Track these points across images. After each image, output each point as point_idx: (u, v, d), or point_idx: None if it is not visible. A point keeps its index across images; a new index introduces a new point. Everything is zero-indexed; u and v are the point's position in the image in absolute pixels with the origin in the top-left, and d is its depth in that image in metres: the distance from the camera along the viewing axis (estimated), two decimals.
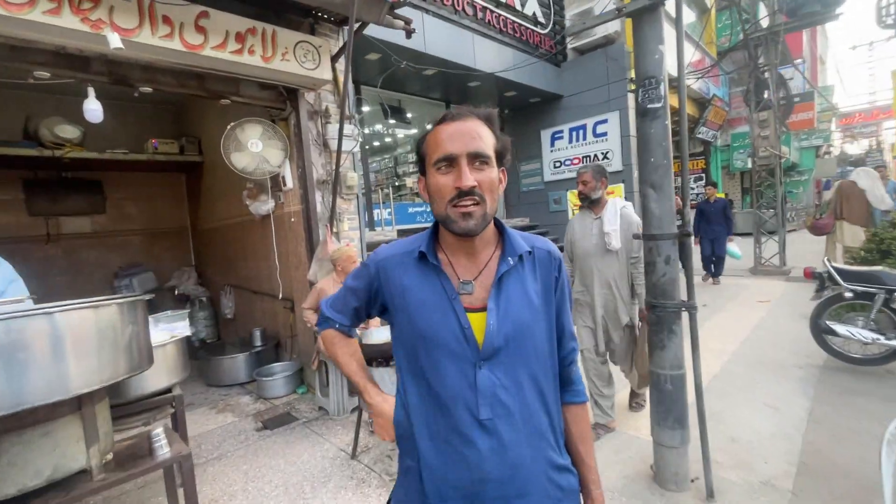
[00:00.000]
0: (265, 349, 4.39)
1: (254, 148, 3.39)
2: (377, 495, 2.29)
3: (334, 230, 3.57)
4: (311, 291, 3.30)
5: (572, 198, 7.73)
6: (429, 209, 4.55)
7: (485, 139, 0.81)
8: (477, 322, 0.83)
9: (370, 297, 0.96)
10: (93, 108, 2.83)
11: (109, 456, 1.60)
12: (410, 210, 7.04)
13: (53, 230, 5.70)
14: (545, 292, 0.89)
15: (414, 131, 8.05)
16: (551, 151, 8.37)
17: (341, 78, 3.59)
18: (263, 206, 4.03)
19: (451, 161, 0.80)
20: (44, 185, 5.57)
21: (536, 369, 0.86)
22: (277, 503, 2.33)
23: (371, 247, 3.98)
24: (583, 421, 0.96)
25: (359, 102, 6.07)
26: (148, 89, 2.96)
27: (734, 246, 7.01)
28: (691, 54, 8.72)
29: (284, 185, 3.69)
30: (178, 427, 2.31)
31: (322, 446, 2.89)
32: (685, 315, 2.10)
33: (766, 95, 7.76)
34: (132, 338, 1.54)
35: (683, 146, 2.08)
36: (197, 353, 4.94)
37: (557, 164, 8.31)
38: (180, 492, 1.74)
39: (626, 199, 3.60)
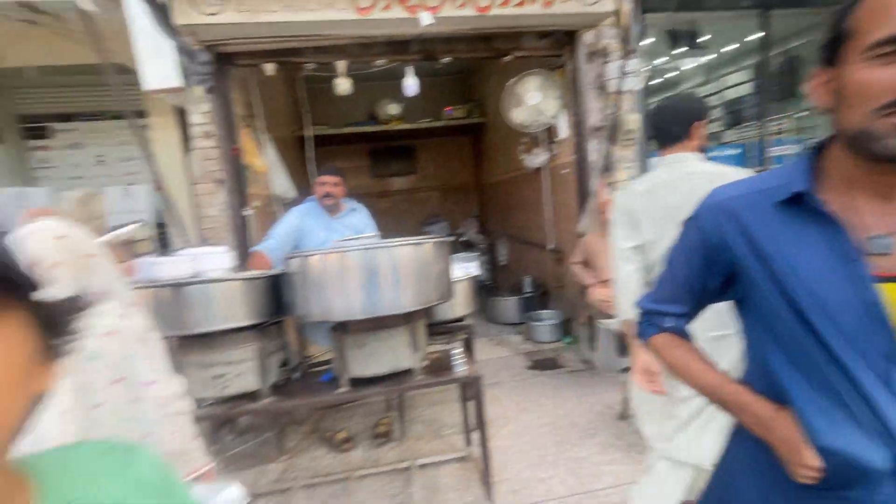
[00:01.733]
0: (534, 296, 4.68)
1: (531, 101, 3.46)
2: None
3: (609, 180, 3.35)
4: (578, 244, 3.24)
5: None
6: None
7: None
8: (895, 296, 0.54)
9: (709, 262, 0.68)
10: (410, 84, 3.44)
11: (425, 363, 2.01)
12: None
13: (385, 188, 7.58)
14: None
15: (709, 58, 6.59)
16: None
17: (625, 8, 3.19)
18: (537, 158, 4.14)
19: None
20: (380, 153, 7.40)
21: None
22: (545, 439, 2.48)
23: None
24: None
25: (642, 33, 5.36)
26: (447, 59, 3.39)
27: None
28: None
29: (557, 135, 3.66)
30: (467, 352, 2.73)
31: (588, 399, 2.89)
32: None
33: None
34: (441, 272, 1.85)
35: None
36: (478, 293, 5.74)
37: None
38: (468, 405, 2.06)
39: None
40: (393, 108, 6.34)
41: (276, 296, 1.89)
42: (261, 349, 1.81)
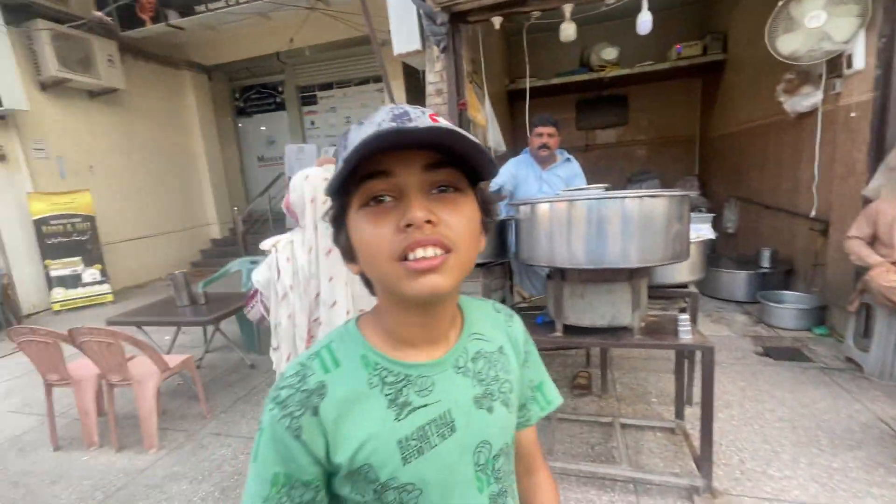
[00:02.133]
0: (773, 273, 3.87)
1: (812, 23, 2.69)
2: None
3: None
4: (862, 213, 2.49)
5: None
6: None
7: None
8: None
9: None
10: (644, 20, 3.08)
11: (643, 323, 1.91)
12: None
13: (591, 141, 7.16)
14: None
15: None
16: None
17: None
18: (805, 100, 3.26)
19: None
20: (588, 104, 6.97)
21: None
22: (780, 435, 2.12)
23: None
24: None
25: None
26: None
27: None
28: None
29: (849, 66, 2.78)
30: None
31: (851, 405, 2.31)
32: None
33: None
34: (678, 229, 1.68)
35: None
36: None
37: None
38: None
39: None
40: (609, 53, 5.82)
41: (500, 239, 2.05)
42: (485, 285, 2.01)
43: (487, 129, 4.01)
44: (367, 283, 0.54)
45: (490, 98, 4.18)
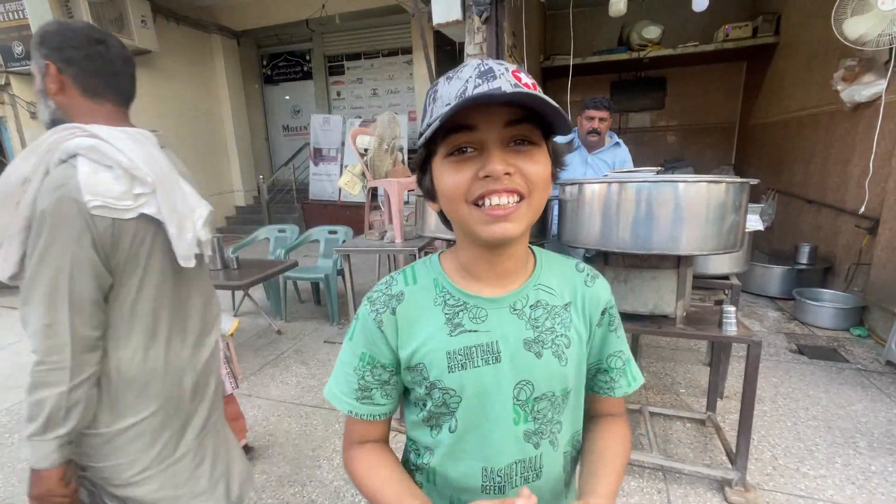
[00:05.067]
0: (811, 269, 3.74)
1: (887, 4, 2.50)
2: None
3: None
4: None
5: None
6: None
7: None
8: None
9: None
10: None
11: (684, 313, 1.87)
12: None
13: (623, 125, 6.94)
14: None
15: None
16: None
17: None
18: (866, 89, 3.08)
19: None
20: (624, 85, 6.71)
21: None
22: (814, 434, 2.08)
23: None
24: None
25: None
26: None
27: None
28: None
29: None
30: None
31: (890, 409, 2.25)
32: None
33: None
34: (734, 218, 1.62)
35: None
36: None
37: None
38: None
39: None
40: (651, 31, 5.55)
41: (541, 219, 2.01)
42: None
43: None
44: (445, 221, 0.60)
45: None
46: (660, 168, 1.88)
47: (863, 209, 3.11)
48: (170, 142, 1.12)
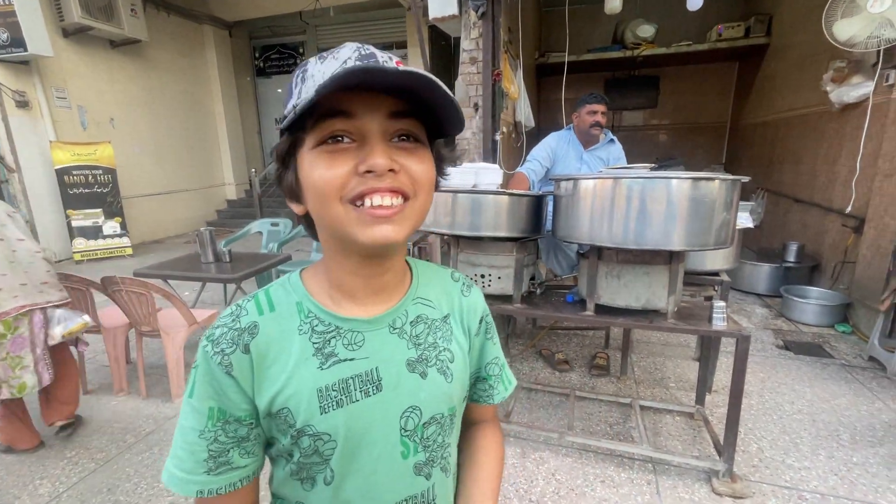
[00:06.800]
0: (798, 267, 3.81)
1: (876, 7, 2.55)
2: None
3: None
4: None
5: None
6: None
7: None
8: None
9: None
10: None
11: (674, 307, 1.90)
12: None
13: (616, 122, 6.99)
14: None
15: None
16: None
17: None
18: (855, 90, 3.13)
19: None
20: (617, 83, 6.75)
21: None
22: (799, 427, 2.13)
23: None
24: None
25: None
26: None
27: None
28: None
29: None
30: None
31: (872, 403, 2.31)
32: None
33: None
34: (725, 215, 1.64)
35: None
36: None
37: None
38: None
39: None
40: (645, 30, 5.59)
41: (537, 215, 2.02)
42: (518, 260, 2.00)
43: (518, 102, 3.91)
44: (310, 227, 0.53)
45: (523, 71, 4.07)
46: (654, 165, 1.91)
47: (849, 209, 3.18)
48: (162, 133, 1.11)
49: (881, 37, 2.61)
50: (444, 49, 6.27)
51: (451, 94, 0.43)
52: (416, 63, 7.08)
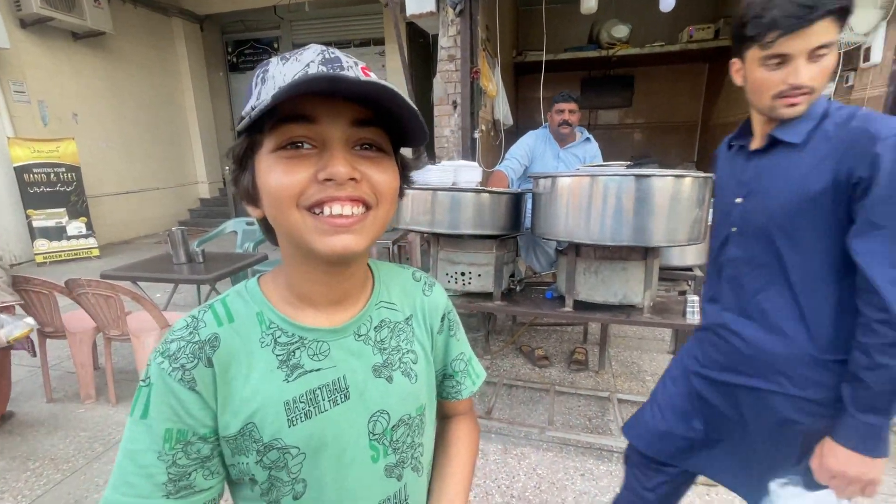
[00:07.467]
0: None
1: None
2: None
3: None
4: None
5: None
6: None
7: None
8: None
9: None
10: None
11: (650, 302, 1.94)
12: None
13: (592, 121, 7.10)
14: None
15: None
16: None
17: None
18: None
19: None
20: (593, 82, 6.86)
21: None
22: None
23: None
24: None
25: None
26: None
27: None
28: None
29: (866, 60, 2.78)
30: None
31: None
32: None
33: None
34: (696, 211, 1.69)
35: None
36: None
37: None
38: None
39: None
40: (620, 31, 5.69)
41: (516, 213, 2.03)
42: (498, 258, 2.00)
43: (497, 100, 3.92)
44: (269, 231, 0.52)
45: (501, 69, 4.08)
46: (629, 163, 1.94)
47: None
48: (130, 130, 1.07)
49: (841, 40, 2.72)
50: (422, 46, 6.25)
51: (414, 107, 0.42)
52: (394, 60, 7.03)
